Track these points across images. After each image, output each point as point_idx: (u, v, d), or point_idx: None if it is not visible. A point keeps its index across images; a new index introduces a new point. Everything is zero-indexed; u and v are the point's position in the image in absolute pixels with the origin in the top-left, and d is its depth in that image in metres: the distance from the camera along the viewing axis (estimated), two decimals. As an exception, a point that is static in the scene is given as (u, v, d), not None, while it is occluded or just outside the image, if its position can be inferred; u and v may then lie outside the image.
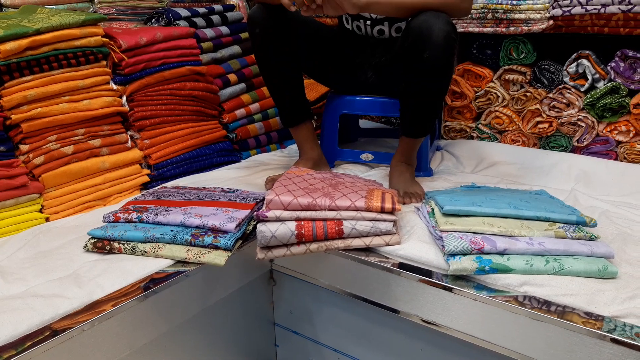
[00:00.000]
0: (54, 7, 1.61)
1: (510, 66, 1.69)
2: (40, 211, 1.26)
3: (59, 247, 1.10)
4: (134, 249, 1.07)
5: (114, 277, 0.97)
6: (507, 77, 1.71)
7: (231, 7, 1.87)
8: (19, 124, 1.24)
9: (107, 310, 0.89)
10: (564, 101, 1.60)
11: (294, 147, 1.83)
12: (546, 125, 1.65)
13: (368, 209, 1.08)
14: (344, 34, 1.56)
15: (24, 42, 1.23)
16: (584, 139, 1.59)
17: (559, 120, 1.62)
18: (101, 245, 1.08)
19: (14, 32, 1.21)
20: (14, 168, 1.22)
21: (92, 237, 1.09)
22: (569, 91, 1.58)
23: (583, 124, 1.58)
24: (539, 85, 1.65)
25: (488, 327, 0.93)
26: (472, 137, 1.84)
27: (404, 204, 1.32)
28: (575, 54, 1.57)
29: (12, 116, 1.22)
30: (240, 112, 1.74)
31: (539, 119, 1.66)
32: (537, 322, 0.87)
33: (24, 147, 1.25)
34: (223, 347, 1.24)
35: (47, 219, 1.26)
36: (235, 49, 1.78)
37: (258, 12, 1.36)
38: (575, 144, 1.61)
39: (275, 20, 1.35)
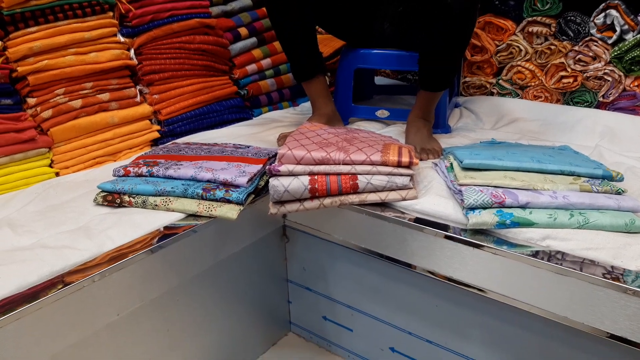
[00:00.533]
0: (58, -44, 1.55)
1: (535, 18, 1.61)
2: (50, 166, 1.25)
3: (69, 201, 1.09)
4: (144, 202, 1.05)
5: (125, 230, 0.95)
6: (530, 30, 1.63)
7: (242, -42, 1.79)
8: (26, 77, 1.21)
9: (117, 261, 0.87)
10: (590, 54, 1.52)
11: (306, 105, 1.79)
12: (571, 80, 1.58)
13: (384, 163, 1.05)
14: (360, -17, 1.49)
15: (27, -10, 1.18)
16: (610, 94, 1.52)
17: (584, 75, 1.55)
18: (111, 198, 1.06)
19: (17, -20, 1.17)
20: (22, 121, 1.19)
21: (102, 191, 1.08)
22: (595, 44, 1.50)
23: (609, 78, 1.50)
24: (564, 37, 1.57)
25: (508, 282, 0.91)
26: (492, 94, 1.77)
27: (421, 160, 1.28)
28: (603, 4, 1.48)
29: (18, 68, 1.19)
30: (251, 67, 1.69)
31: (563, 73, 1.59)
32: (560, 277, 0.84)
33: (31, 101, 1.22)
34: (236, 302, 1.24)
35: (56, 174, 1.24)
36: (246, 1, 1.71)
37: (269, -40, 1.29)
38: (601, 99, 1.54)
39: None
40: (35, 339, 0.78)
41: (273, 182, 1.05)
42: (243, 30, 1.67)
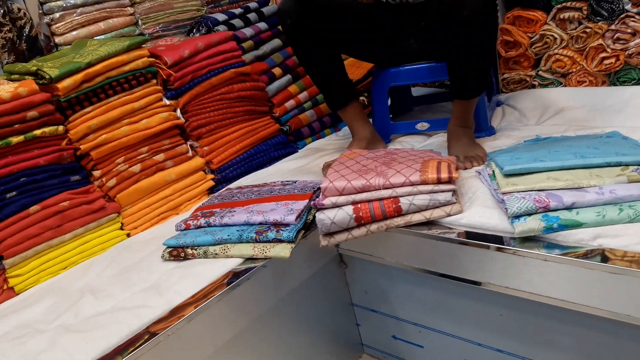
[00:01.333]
0: (102, 36, 1.71)
1: (564, 4, 1.57)
2: (121, 228, 1.36)
3: (140, 260, 1.19)
4: (205, 252, 1.13)
5: (191, 282, 1.03)
6: (562, 16, 1.58)
7: (266, 2, 1.88)
8: (89, 153, 1.34)
9: (187, 314, 0.95)
10: (629, 31, 1.46)
11: (348, 129, 1.83)
12: (613, 60, 1.52)
13: (424, 182, 1.06)
14: (378, 6, 1.52)
15: (78, 76, 1.32)
16: (658, 67, 1.45)
17: (626, 52, 1.48)
18: (176, 253, 1.15)
19: (68, 69, 1.30)
20: (91, 193, 1.32)
21: (168, 247, 1.17)
22: (632, 19, 1.44)
23: (655, 51, 1.44)
24: (598, 18, 1.52)
25: (563, 287, 0.89)
26: (533, 86, 1.73)
27: (465, 169, 1.28)
28: (635, -24, 1.42)
29: (81, 147, 1.32)
30: (289, 103, 1.76)
31: (603, 54, 1.53)
32: (616, 276, 0.82)
33: (96, 173, 1.35)
34: (307, 332, 1.29)
35: (128, 235, 1.36)
36: (276, 42, 1.80)
37: (287, 2, 1.36)
38: (649, 74, 1.47)
39: (305, 8, 1.35)
40: (124, 395, 0.87)
41: (319, 215, 1.09)
42: (277, 70, 1.75)
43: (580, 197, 0.92)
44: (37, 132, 1.25)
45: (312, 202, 1.12)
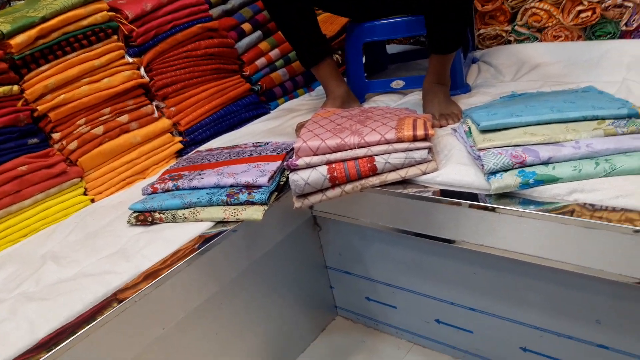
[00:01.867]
0: (58, -10, 1.59)
1: (542, -45, 1.52)
2: (85, 194, 1.31)
3: (106, 226, 1.14)
4: (174, 216, 1.08)
5: (159, 247, 0.99)
6: (539, -32, 1.54)
7: (233, -47, 1.78)
8: (47, 114, 1.26)
9: (155, 279, 0.91)
10: (607, -18, 1.43)
11: (322, 89, 1.77)
12: (589, 13, 1.49)
13: (399, 140, 1.03)
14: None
15: (32, 32, 1.23)
16: (633, 20, 1.42)
17: (602, 5, 1.46)
18: (143, 217, 1.10)
19: (21, 25, 1.21)
20: (51, 157, 1.25)
21: (134, 211, 1.12)
22: (611, -30, 1.41)
23: (630, 4, 1.41)
24: (576, -30, 1.48)
25: (538, 243, 0.89)
26: (509, 42, 1.70)
27: (441, 126, 1.25)
28: None
29: (38, 107, 1.25)
30: (260, 61, 1.69)
31: (580, 7, 1.50)
32: (591, 230, 0.81)
33: (56, 135, 1.28)
34: (280, 295, 1.27)
35: (92, 200, 1.30)
36: (245, -4, 1.71)
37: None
38: (624, 28, 1.45)
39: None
40: (91, 363, 0.84)
41: (293, 176, 1.06)
42: (246, 26, 1.67)
43: (556, 152, 0.91)
44: (-11, 91, 1.17)
45: (285, 163, 1.09)
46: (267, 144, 1.33)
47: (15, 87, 1.22)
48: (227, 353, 1.14)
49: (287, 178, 1.15)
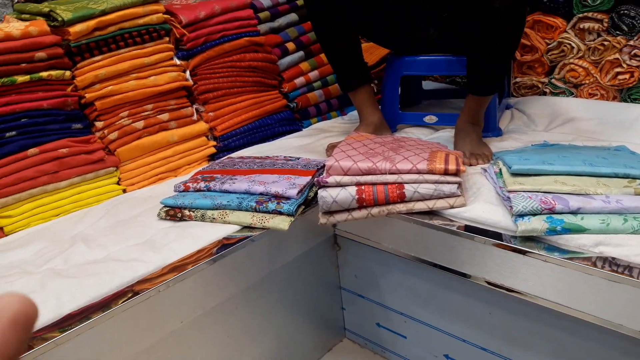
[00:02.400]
0: (119, -13, 1.66)
1: (585, 14, 1.56)
2: (118, 183, 1.34)
3: (135, 216, 1.17)
4: (203, 216, 1.11)
5: (186, 243, 1.02)
6: (582, 26, 1.58)
7: (287, -26, 1.85)
8: (93, 102, 1.31)
9: (180, 272, 0.94)
10: (648, 48, 1.46)
11: (355, 114, 1.81)
12: (627, 76, 1.52)
13: (430, 172, 1.06)
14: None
15: (91, 23, 1.29)
16: (672, 88, 1.45)
17: (643, 70, 1.49)
18: (173, 213, 1.13)
19: (82, 14, 1.27)
20: (92, 144, 1.30)
21: (165, 206, 1.15)
22: (653, 36, 1.44)
23: (670, 72, 1.44)
24: (617, 32, 1.52)
25: (560, 290, 0.90)
26: (544, 93, 1.73)
27: (470, 165, 1.28)
28: (660, -5, 1.42)
29: (86, 95, 1.30)
30: (299, 80, 1.74)
31: (618, 69, 1.53)
32: (614, 284, 0.82)
33: (99, 124, 1.33)
34: (292, 309, 1.28)
35: (124, 191, 1.34)
36: (293, 16, 1.77)
37: (313, -24, 1.34)
38: (662, 94, 1.47)
39: (330, -17, 1.33)
40: (108, 345, 0.86)
41: (322, 193, 1.09)
42: (290, 45, 1.72)
43: (586, 203, 0.93)
44: (44, 74, 1.22)
45: (315, 179, 1.11)
46: (298, 159, 1.37)
47: (68, 73, 1.28)
48: (235, 356, 1.15)
49: (315, 194, 1.18)
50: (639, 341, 0.84)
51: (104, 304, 0.85)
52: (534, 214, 0.94)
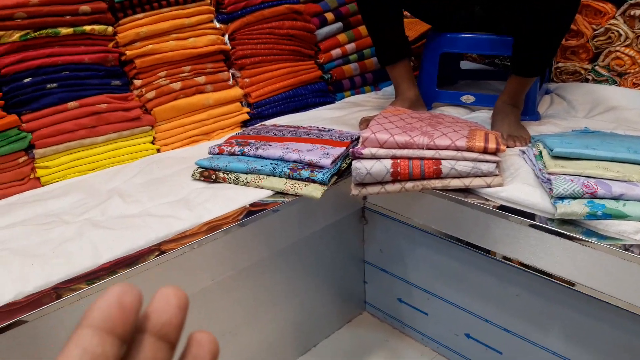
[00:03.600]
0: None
1: (638, 0, 1.50)
2: (152, 143, 1.36)
3: (170, 175, 1.18)
4: (237, 179, 1.12)
5: (220, 203, 1.03)
6: (632, 13, 1.52)
7: (330, -57, 1.81)
8: (133, 60, 1.32)
9: (213, 231, 0.95)
10: (703, 38, 1.41)
11: (388, 90, 1.79)
12: (677, 67, 1.47)
13: (470, 149, 1.04)
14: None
15: (136, -20, 1.28)
16: None
17: (694, 61, 1.43)
18: (207, 174, 1.14)
19: (127, -29, 1.27)
20: (129, 101, 1.31)
21: (200, 167, 1.16)
22: None
23: None
24: (672, 20, 1.46)
25: (596, 275, 0.88)
26: (586, 80, 1.68)
27: (508, 147, 1.25)
28: None
29: (127, 52, 1.30)
30: (336, 52, 1.72)
31: (668, 59, 1.48)
32: (654, 272, 0.81)
33: (137, 82, 1.34)
34: (315, 278, 1.29)
35: (158, 150, 1.35)
36: (333, -14, 1.74)
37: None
38: None
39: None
40: (142, 297, 0.87)
41: (356, 164, 1.08)
42: (329, 15, 1.70)
43: (629, 190, 0.90)
44: (87, 28, 1.23)
45: (350, 150, 1.11)
46: (332, 130, 1.36)
47: (110, 29, 1.28)
48: (258, 320, 1.17)
49: (348, 166, 1.17)
50: (674, 332, 0.82)
51: (138, 257, 0.87)
52: (575, 197, 0.92)
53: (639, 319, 0.86)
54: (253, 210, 1.03)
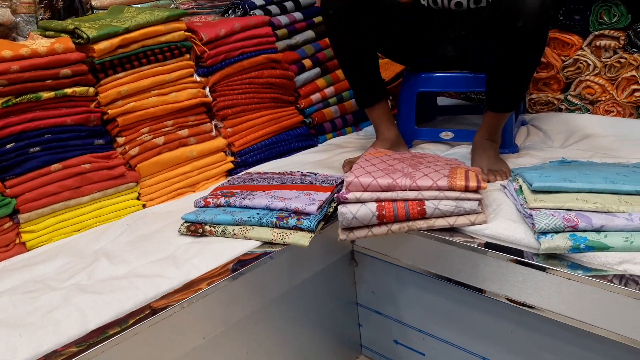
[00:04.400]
0: (139, 5, 1.70)
1: (602, 31, 1.57)
2: (138, 198, 1.36)
3: (156, 231, 1.18)
4: (224, 231, 1.12)
5: (208, 258, 1.03)
6: (598, 44, 1.59)
7: (303, -8, 1.88)
8: (115, 118, 1.33)
9: (203, 288, 0.94)
10: (665, 65, 1.47)
11: (369, 129, 1.83)
12: (644, 93, 1.52)
13: (451, 188, 1.06)
14: (419, 9, 1.52)
15: (115, 40, 1.31)
16: (690, 105, 1.45)
17: (660, 87, 1.49)
18: (194, 228, 1.14)
19: (106, 32, 1.30)
20: (113, 159, 1.32)
21: (186, 222, 1.16)
22: (671, 54, 1.45)
23: (688, 89, 1.44)
24: (634, 50, 1.52)
25: (583, 308, 0.89)
26: (560, 110, 1.74)
27: (489, 182, 1.28)
28: (677, 13, 1.43)
29: (109, 111, 1.32)
30: (315, 96, 1.76)
31: (635, 86, 1.53)
32: (638, 302, 0.82)
33: (120, 140, 1.35)
34: (309, 325, 1.28)
35: (143, 206, 1.35)
36: (309, 34, 1.79)
37: (332, -6, 1.36)
38: (680, 111, 1.47)
39: (348, 0, 1.35)
40: (133, 361, 0.86)
41: (341, 209, 1.09)
42: (307, 62, 1.74)
43: (609, 221, 0.92)
44: (68, 90, 1.24)
45: (335, 195, 1.12)
46: (316, 174, 1.37)
47: (91, 90, 1.30)
48: (253, 374, 1.15)
49: (334, 210, 1.18)
50: (666, 361, 0.83)
51: (127, 320, 0.86)
52: (557, 232, 0.93)
53: (629, 349, 0.87)
54: (243, 261, 1.03)
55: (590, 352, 0.96)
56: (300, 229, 1.09)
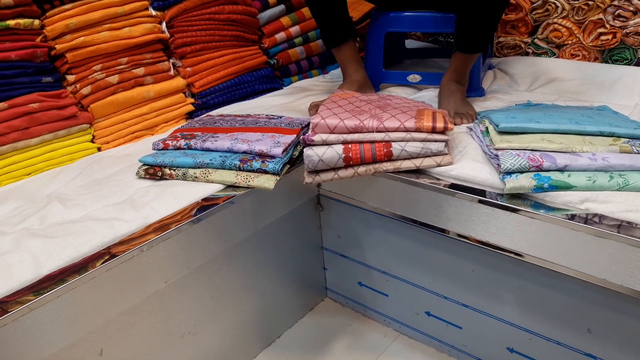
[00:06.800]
0: None
1: (572, -28, 1.54)
2: (92, 141, 1.29)
3: (112, 175, 1.13)
4: (184, 174, 1.08)
5: (168, 201, 0.99)
6: (567, -15, 1.56)
7: None
8: (64, 54, 1.24)
9: (163, 232, 0.91)
10: (631, 9, 1.46)
11: (336, 72, 1.78)
12: (609, 37, 1.52)
13: (418, 130, 1.04)
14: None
15: (60, -33, 1.20)
16: (653, 49, 1.46)
17: (624, 31, 1.48)
18: (153, 171, 1.09)
19: (50, -42, 1.18)
20: (63, 98, 1.23)
21: (144, 164, 1.11)
22: (638, -4, 1.44)
23: (653, 33, 1.44)
24: (604, -9, 1.50)
25: (546, 246, 0.91)
26: (527, 54, 1.72)
27: (455, 124, 1.27)
28: (647, -46, 1.41)
29: (56, 46, 1.22)
30: (280, 35, 1.68)
31: (601, 30, 1.53)
32: (599, 239, 0.84)
33: (70, 78, 1.26)
34: (274, 269, 1.28)
35: (99, 149, 1.29)
36: (274, -32, 1.69)
37: None
38: (643, 55, 1.48)
39: None
40: (90, 307, 0.83)
41: (307, 151, 1.06)
42: (271, -2, 1.66)
43: (573, 161, 0.93)
44: (11, 22, 1.14)
45: (301, 138, 1.08)
46: (281, 117, 1.33)
47: (37, 22, 1.20)
48: (218, 317, 1.14)
49: (300, 153, 1.15)
50: (620, 295, 0.86)
51: (84, 265, 0.82)
52: (522, 172, 0.94)
53: (588, 286, 0.90)
54: (205, 206, 1.00)
55: (548, 289, 0.99)
56: (265, 172, 1.06)
